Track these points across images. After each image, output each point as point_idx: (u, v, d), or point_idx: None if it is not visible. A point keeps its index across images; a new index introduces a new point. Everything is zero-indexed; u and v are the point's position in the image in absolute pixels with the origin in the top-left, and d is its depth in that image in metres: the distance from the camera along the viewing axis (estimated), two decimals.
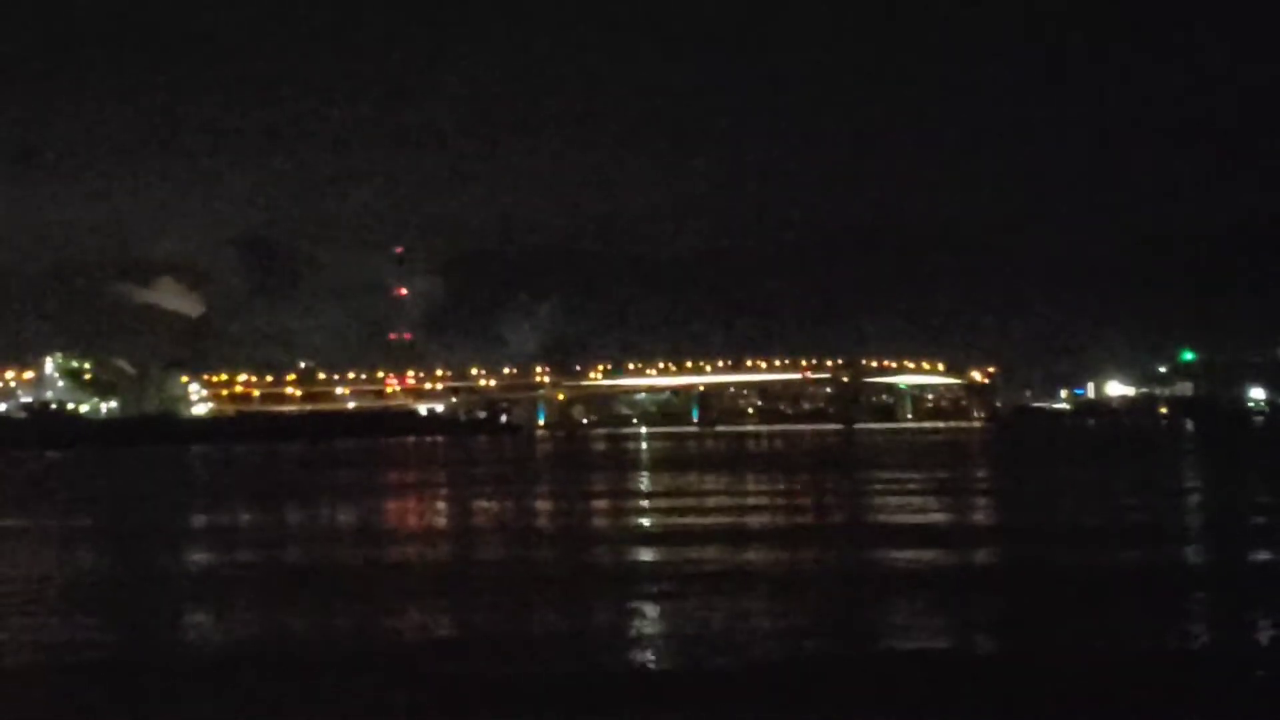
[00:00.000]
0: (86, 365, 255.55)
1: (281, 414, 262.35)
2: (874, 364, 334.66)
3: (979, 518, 49.83)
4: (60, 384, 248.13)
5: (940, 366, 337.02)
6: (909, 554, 35.21)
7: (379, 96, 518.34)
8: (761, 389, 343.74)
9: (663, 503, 58.43)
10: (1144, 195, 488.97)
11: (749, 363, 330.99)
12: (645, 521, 48.79)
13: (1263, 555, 35.30)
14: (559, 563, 35.09)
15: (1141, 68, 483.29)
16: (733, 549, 36.98)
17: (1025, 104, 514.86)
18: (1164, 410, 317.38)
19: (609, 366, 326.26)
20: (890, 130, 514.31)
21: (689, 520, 47.78)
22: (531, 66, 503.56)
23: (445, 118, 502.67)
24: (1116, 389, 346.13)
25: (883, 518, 48.69)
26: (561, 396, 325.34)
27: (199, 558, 38.33)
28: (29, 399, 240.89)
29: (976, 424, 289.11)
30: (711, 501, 58.60)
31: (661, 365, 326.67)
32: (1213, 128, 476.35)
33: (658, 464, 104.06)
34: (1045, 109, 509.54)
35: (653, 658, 22.31)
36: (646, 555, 36.98)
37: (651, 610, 26.67)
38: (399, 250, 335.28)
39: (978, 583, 30.56)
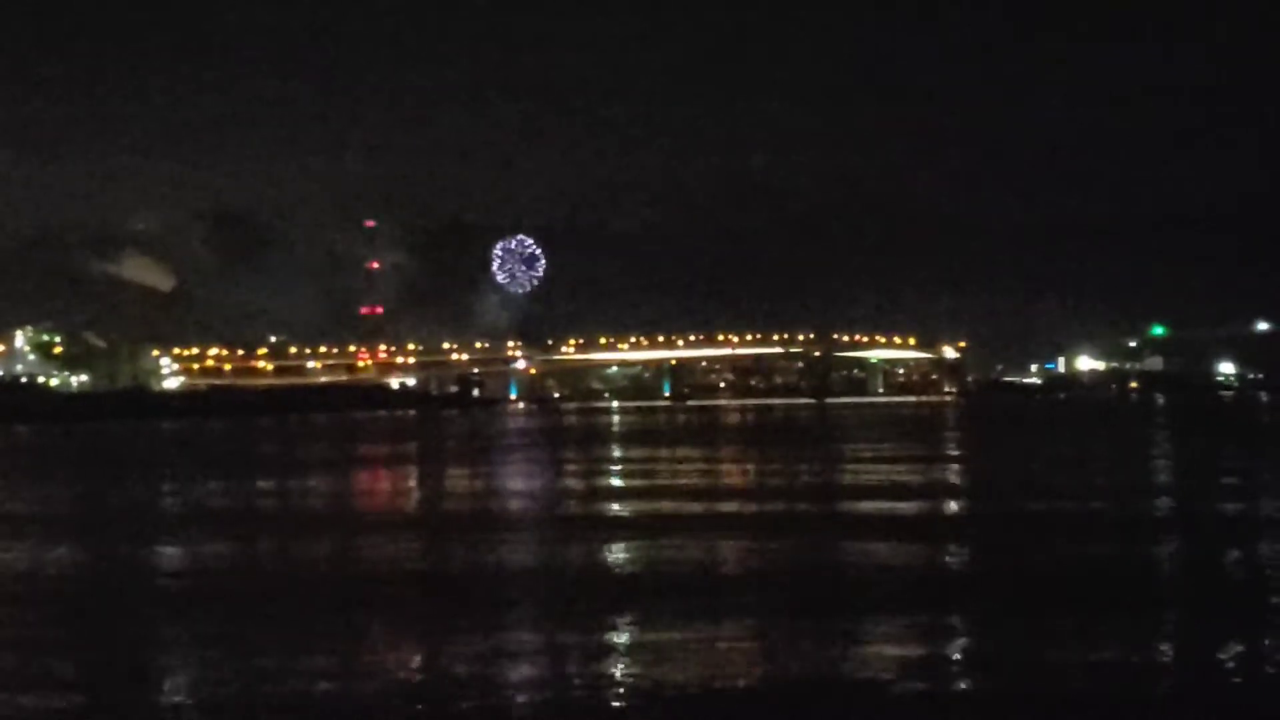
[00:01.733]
0: (57, 339, 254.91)
1: (253, 388, 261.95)
2: (845, 339, 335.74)
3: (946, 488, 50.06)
4: (30, 358, 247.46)
5: (911, 341, 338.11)
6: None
7: (349, 69, 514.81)
8: (733, 363, 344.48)
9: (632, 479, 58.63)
10: (1115, 170, 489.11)
11: (720, 337, 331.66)
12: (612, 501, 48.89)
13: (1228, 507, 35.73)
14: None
15: (1115, 45, 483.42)
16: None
17: (995, 75, 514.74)
18: (1134, 385, 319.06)
19: (581, 341, 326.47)
20: (859, 103, 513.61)
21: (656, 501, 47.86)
22: (500, 37, 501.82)
23: (417, 90, 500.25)
24: (1087, 363, 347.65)
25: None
26: (533, 371, 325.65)
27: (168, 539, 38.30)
28: None
29: (947, 399, 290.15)
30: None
31: (633, 340, 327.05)
32: (1187, 106, 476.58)
33: (629, 438, 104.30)
34: (1016, 81, 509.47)
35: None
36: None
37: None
38: (370, 224, 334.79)
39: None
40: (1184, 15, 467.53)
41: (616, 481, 55.56)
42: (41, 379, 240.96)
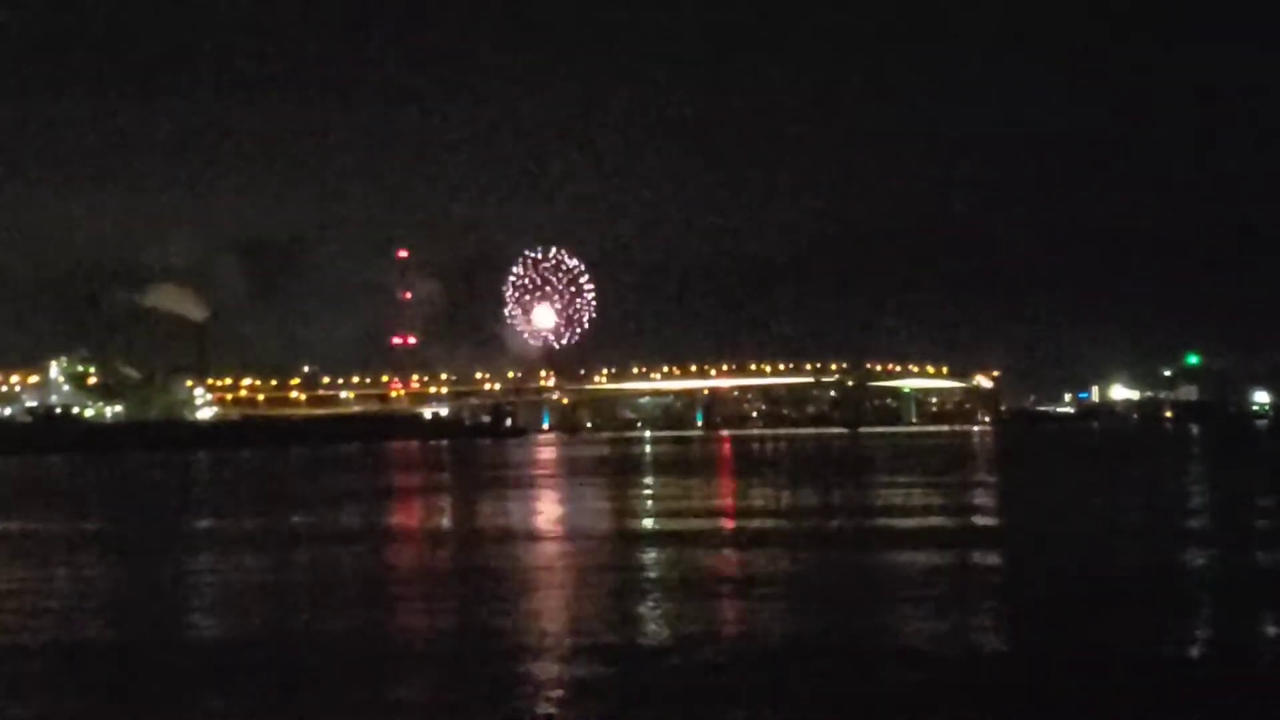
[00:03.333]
0: (91, 370, 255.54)
1: (286, 418, 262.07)
2: (878, 368, 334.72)
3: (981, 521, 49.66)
4: (65, 388, 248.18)
5: (944, 370, 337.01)
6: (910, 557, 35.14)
7: (382, 100, 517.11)
8: (765, 393, 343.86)
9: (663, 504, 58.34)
10: (1149, 199, 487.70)
11: (753, 367, 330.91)
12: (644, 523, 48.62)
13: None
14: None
15: (1150, 73, 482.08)
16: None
17: (1031, 108, 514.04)
18: (1169, 414, 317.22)
19: (613, 370, 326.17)
20: (895, 134, 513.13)
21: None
22: (531, 70, 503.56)
23: (449, 121, 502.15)
24: (1121, 393, 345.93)
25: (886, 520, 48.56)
26: (565, 400, 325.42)
27: (200, 563, 38.18)
28: (34, 403, 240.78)
29: (981, 428, 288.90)
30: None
31: (665, 370, 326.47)
32: (1220, 131, 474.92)
33: (662, 468, 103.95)
34: (1052, 114, 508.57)
35: None
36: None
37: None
38: (402, 254, 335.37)
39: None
40: (1229, 58, 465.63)
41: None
42: (76, 410, 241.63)
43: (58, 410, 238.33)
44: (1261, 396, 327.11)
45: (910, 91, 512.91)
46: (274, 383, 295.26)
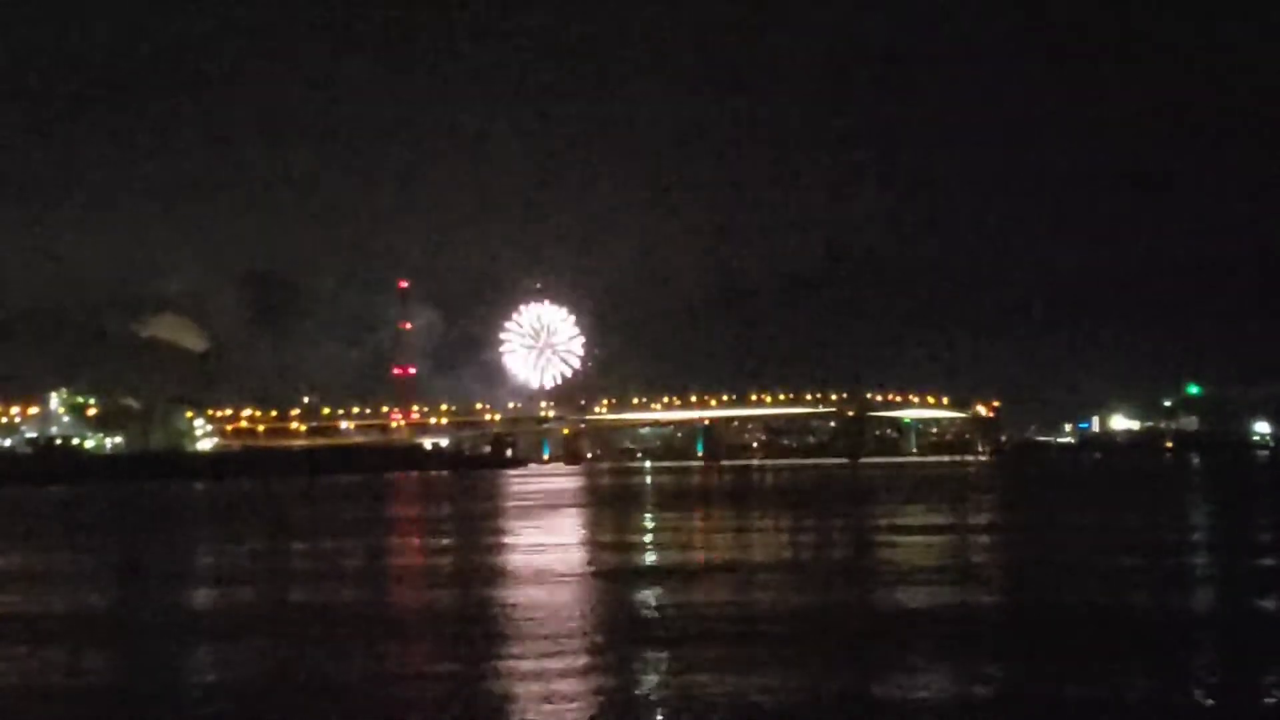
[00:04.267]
0: (91, 400, 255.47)
1: (286, 449, 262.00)
2: (878, 398, 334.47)
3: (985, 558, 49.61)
4: (65, 419, 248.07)
5: (944, 400, 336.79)
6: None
7: (380, 133, 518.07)
8: (766, 423, 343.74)
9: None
10: (1147, 227, 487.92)
11: (753, 397, 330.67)
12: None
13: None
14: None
15: (1151, 97, 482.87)
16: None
17: (1031, 136, 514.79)
18: (1169, 444, 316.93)
19: (614, 401, 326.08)
20: (893, 163, 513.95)
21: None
22: (525, 98, 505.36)
23: (445, 153, 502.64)
24: (1121, 423, 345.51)
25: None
26: (566, 431, 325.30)
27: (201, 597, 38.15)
28: (33, 434, 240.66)
29: (981, 458, 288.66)
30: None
31: (666, 400, 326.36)
32: (1219, 156, 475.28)
33: (662, 500, 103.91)
34: (1050, 142, 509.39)
35: None
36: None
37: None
38: (403, 284, 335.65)
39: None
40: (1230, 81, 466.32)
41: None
42: (76, 440, 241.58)
43: (58, 441, 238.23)
44: (1262, 427, 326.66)
45: (909, 120, 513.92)
46: (274, 413, 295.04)
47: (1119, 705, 21.46)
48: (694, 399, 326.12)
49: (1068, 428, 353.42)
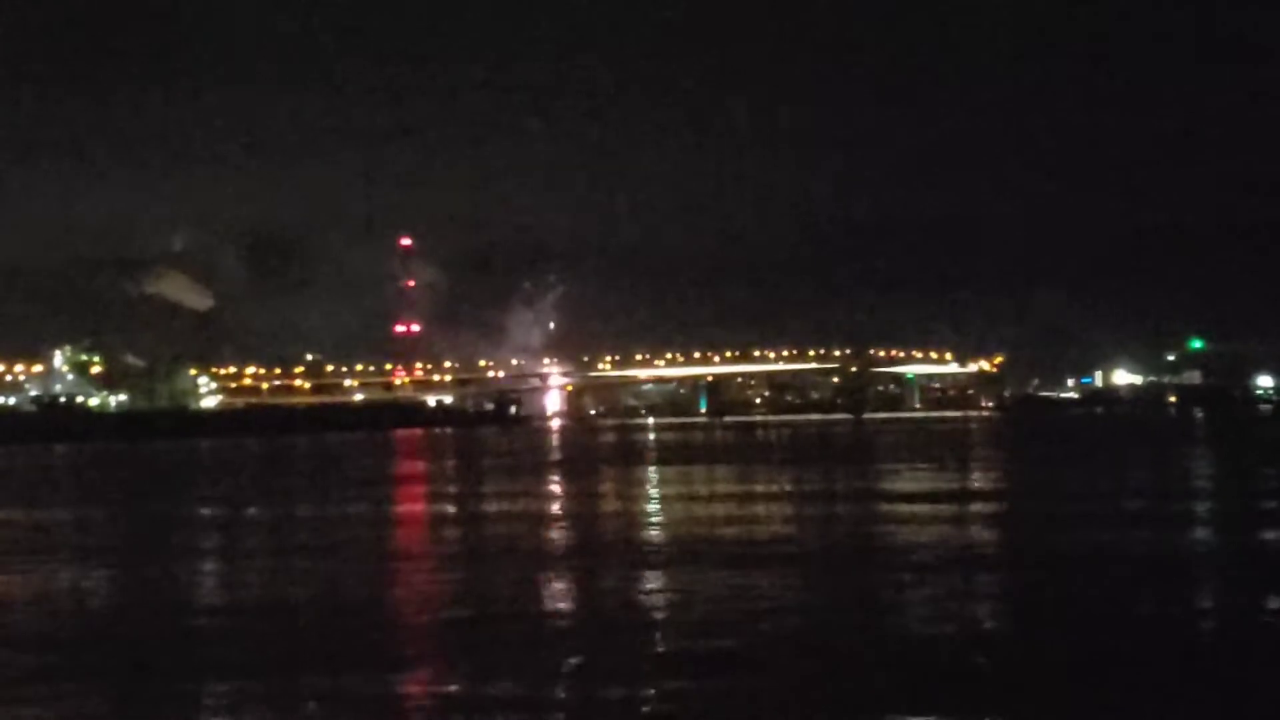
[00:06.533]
0: (95, 359, 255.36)
1: (290, 406, 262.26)
2: (881, 354, 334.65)
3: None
4: (69, 377, 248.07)
5: (947, 356, 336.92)
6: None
7: (386, 91, 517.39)
8: (769, 379, 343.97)
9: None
10: (1152, 182, 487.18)
11: (756, 353, 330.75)
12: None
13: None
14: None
15: (1147, 58, 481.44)
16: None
17: (1033, 92, 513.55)
18: (1172, 399, 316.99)
19: (617, 358, 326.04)
20: (896, 120, 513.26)
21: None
22: (538, 59, 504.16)
23: (452, 111, 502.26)
24: (1124, 378, 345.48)
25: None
26: (570, 388, 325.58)
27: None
28: (37, 392, 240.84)
29: (984, 413, 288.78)
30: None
31: (669, 356, 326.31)
32: (1224, 115, 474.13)
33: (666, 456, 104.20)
34: (1052, 98, 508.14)
35: None
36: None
37: None
38: (405, 242, 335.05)
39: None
40: (1230, 44, 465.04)
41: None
42: (80, 399, 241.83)
43: (62, 400, 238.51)
44: (1266, 381, 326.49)
45: (912, 80, 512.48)
46: (278, 371, 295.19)
47: None
48: (697, 355, 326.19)
49: (1070, 383, 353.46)
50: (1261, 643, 21.54)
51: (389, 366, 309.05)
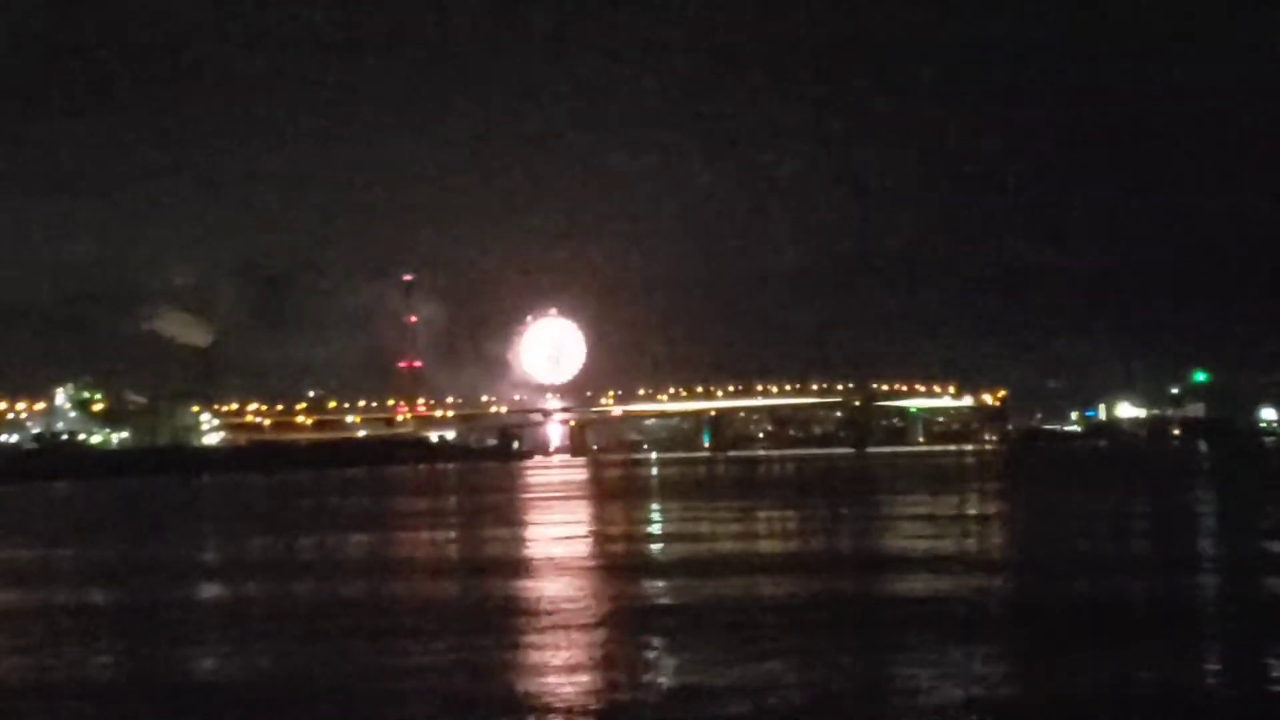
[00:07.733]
0: (97, 396, 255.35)
1: (292, 443, 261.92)
2: (885, 388, 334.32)
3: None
4: (71, 415, 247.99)
5: (951, 389, 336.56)
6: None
7: (383, 126, 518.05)
8: (772, 413, 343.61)
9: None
10: (1154, 215, 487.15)
11: (759, 388, 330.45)
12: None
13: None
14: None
15: (1147, 89, 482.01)
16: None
17: (1035, 123, 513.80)
18: (1176, 432, 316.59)
19: (619, 393, 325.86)
20: (897, 154, 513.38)
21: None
22: (530, 89, 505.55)
23: (450, 146, 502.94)
24: (1128, 411, 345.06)
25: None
26: (572, 423, 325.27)
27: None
28: (39, 430, 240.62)
29: (988, 447, 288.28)
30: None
31: (672, 391, 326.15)
32: (1224, 144, 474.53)
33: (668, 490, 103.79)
34: (1051, 132, 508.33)
35: None
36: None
37: None
38: (407, 278, 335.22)
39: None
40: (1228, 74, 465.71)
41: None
42: (82, 436, 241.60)
43: (64, 437, 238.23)
44: (1269, 413, 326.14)
45: (914, 108, 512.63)
46: (280, 407, 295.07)
47: None
48: (700, 390, 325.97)
49: (1074, 416, 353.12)
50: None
51: (391, 402, 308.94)
